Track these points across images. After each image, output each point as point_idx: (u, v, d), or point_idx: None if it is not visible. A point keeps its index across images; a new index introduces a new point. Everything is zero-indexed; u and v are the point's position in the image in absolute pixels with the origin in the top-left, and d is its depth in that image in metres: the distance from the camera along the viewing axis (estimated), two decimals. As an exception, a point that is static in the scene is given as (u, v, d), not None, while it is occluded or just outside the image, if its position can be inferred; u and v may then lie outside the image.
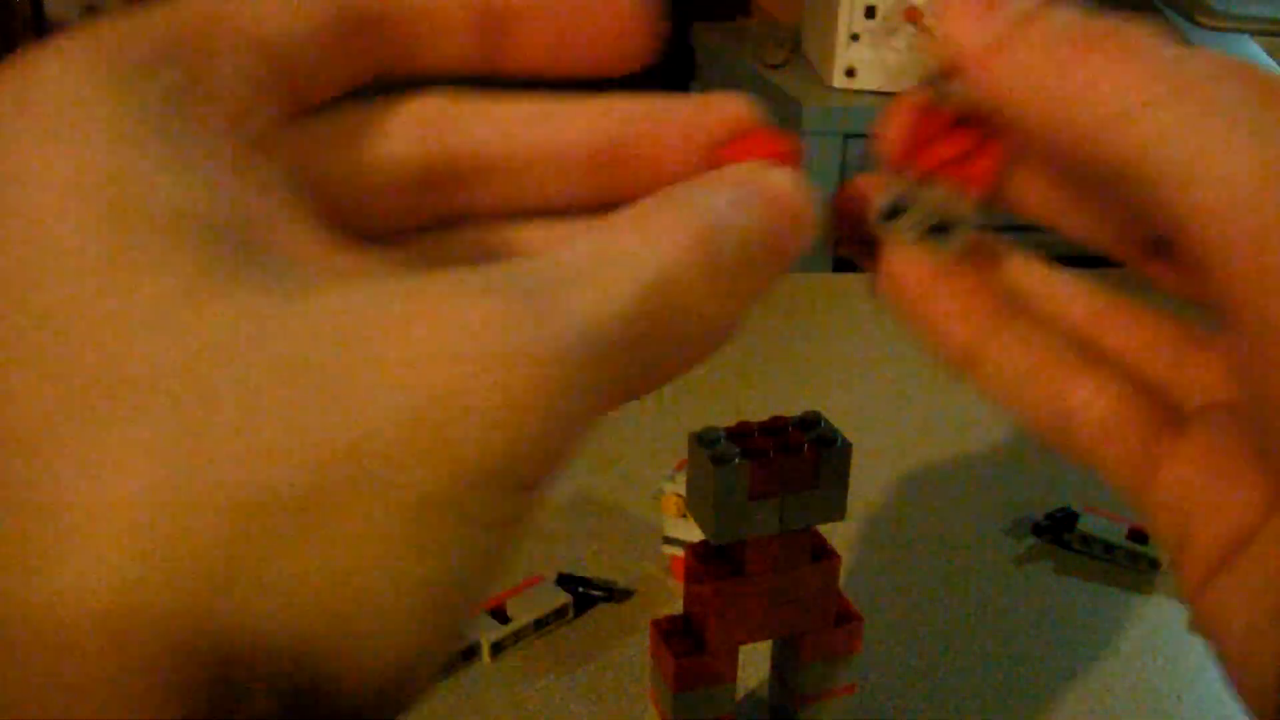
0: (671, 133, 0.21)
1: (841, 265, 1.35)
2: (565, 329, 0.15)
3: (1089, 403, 0.21)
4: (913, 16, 1.25)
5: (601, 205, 0.21)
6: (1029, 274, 0.23)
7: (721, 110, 0.21)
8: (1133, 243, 0.22)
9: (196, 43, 0.16)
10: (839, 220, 0.23)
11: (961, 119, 0.22)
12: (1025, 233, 0.23)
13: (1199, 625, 0.19)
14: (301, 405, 0.13)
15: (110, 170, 0.14)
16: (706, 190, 0.19)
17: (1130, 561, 0.51)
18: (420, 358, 0.14)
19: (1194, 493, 0.20)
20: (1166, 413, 0.21)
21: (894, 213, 0.23)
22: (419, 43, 0.21)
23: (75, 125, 0.14)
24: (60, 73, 0.15)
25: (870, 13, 1.27)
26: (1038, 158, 0.22)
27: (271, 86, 0.18)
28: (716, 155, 0.22)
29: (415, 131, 0.21)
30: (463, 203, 0.21)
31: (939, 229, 0.22)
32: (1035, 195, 0.23)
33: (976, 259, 0.22)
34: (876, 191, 0.22)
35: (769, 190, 0.20)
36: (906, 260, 0.22)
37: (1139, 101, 0.17)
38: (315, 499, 0.13)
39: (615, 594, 0.48)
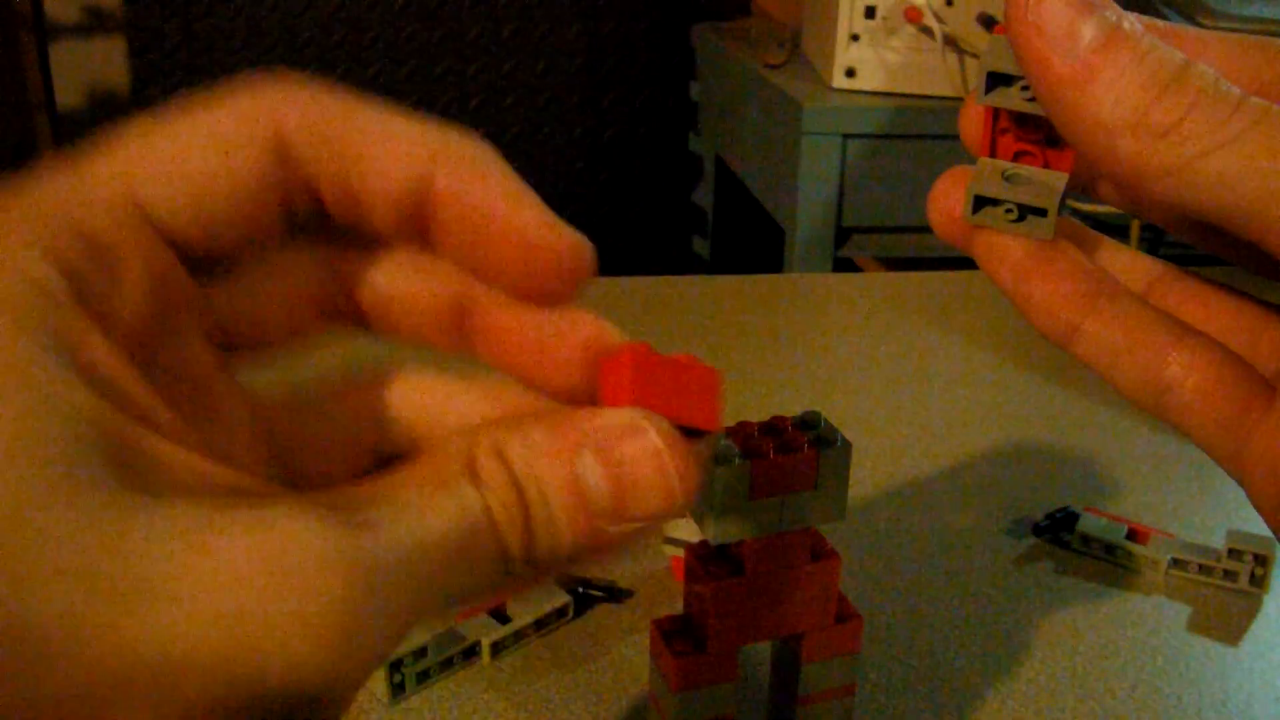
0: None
1: (841, 265, 1.35)
2: (376, 544, 0.17)
3: (1184, 374, 0.22)
4: (913, 16, 1.25)
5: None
6: (1113, 256, 0.25)
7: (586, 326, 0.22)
8: (1199, 227, 0.24)
9: (107, 238, 0.18)
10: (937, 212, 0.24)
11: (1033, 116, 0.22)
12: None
13: None
14: (100, 613, 0.15)
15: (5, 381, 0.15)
16: (551, 445, 0.20)
17: (1130, 561, 0.51)
18: (230, 573, 0.16)
19: None
20: (1257, 383, 0.22)
21: (985, 201, 0.23)
22: (345, 216, 0.21)
23: None
24: None
25: (870, 13, 1.27)
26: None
27: (178, 264, 0.19)
28: (598, 362, 0.22)
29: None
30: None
31: (1030, 213, 0.23)
32: (1105, 187, 0.25)
33: (1068, 241, 0.24)
34: (967, 182, 0.23)
35: (626, 457, 0.20)
36: (1006, 243, 0.23)
37: (1219, 141, 0.19)
38: (86, 705, 0.15)
39: (615, 594, 0.48)
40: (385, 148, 0.20)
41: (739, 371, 0.70)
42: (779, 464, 0.32)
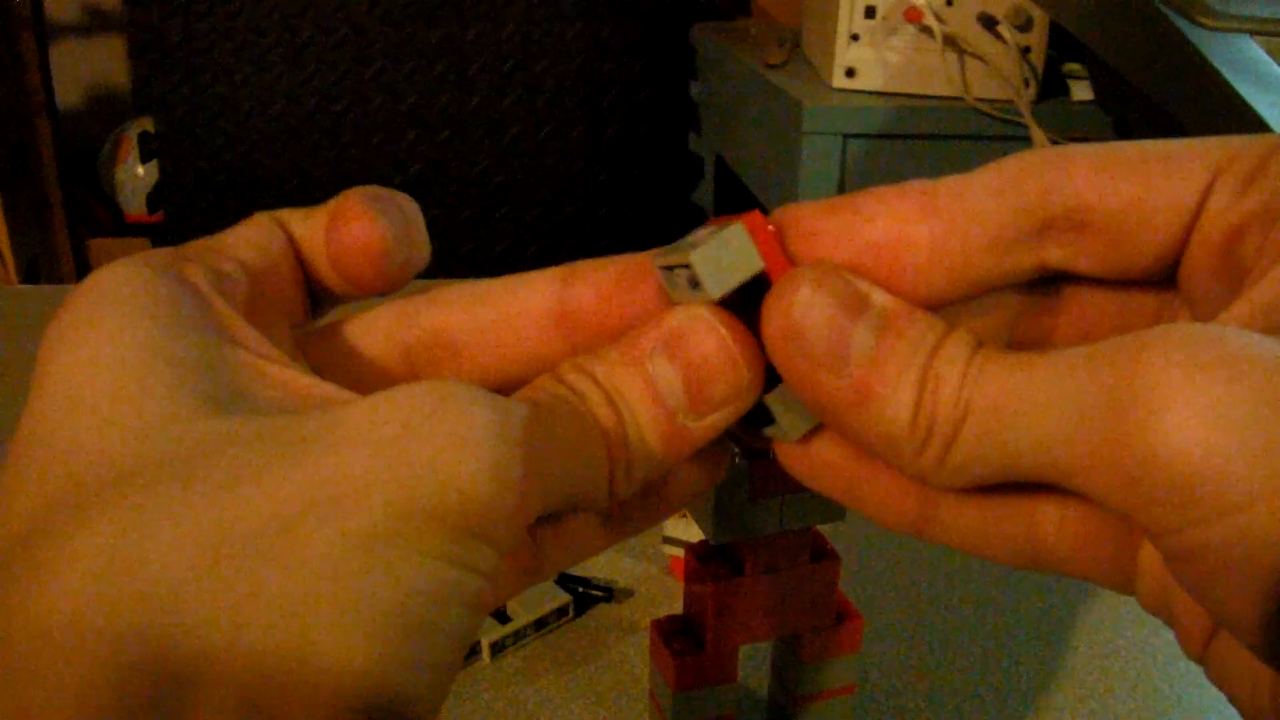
0: (627, 294, 0.23)
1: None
2: (510, 404, 0.18)
3: (1056, 531, 0.21)
4: (913, 16, 1.25)
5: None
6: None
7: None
8: None
9: (205, 260, 0.21)
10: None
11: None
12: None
13: (1210, 680, 0.19)
14: (268, 462, 0.16)
15: (141, 340, 0.18)
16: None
17: (1130, 561, 0.51)
18: (379, 414, 0.17)
19: (1169, 581, 0.19)
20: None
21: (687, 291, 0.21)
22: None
23: (119, 309, 0.18)
24: (112, 275, 0.19)
25: (870, 13, 1.27)
26: None
27: (254, 295, 0.21)
28: None
29: (391, 321, 0.23)
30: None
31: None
32: None
33: None
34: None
35: (691, 347, 0.21)
36: (823, 451, 0.22)
37: (956, 426, 0.19)
38: (271, 531, 0.16)
39: (615, 594, 0.48)
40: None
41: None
42: (779, 464, 0.32)
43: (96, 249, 2.05)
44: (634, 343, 0.21)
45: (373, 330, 0.23)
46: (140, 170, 2.07)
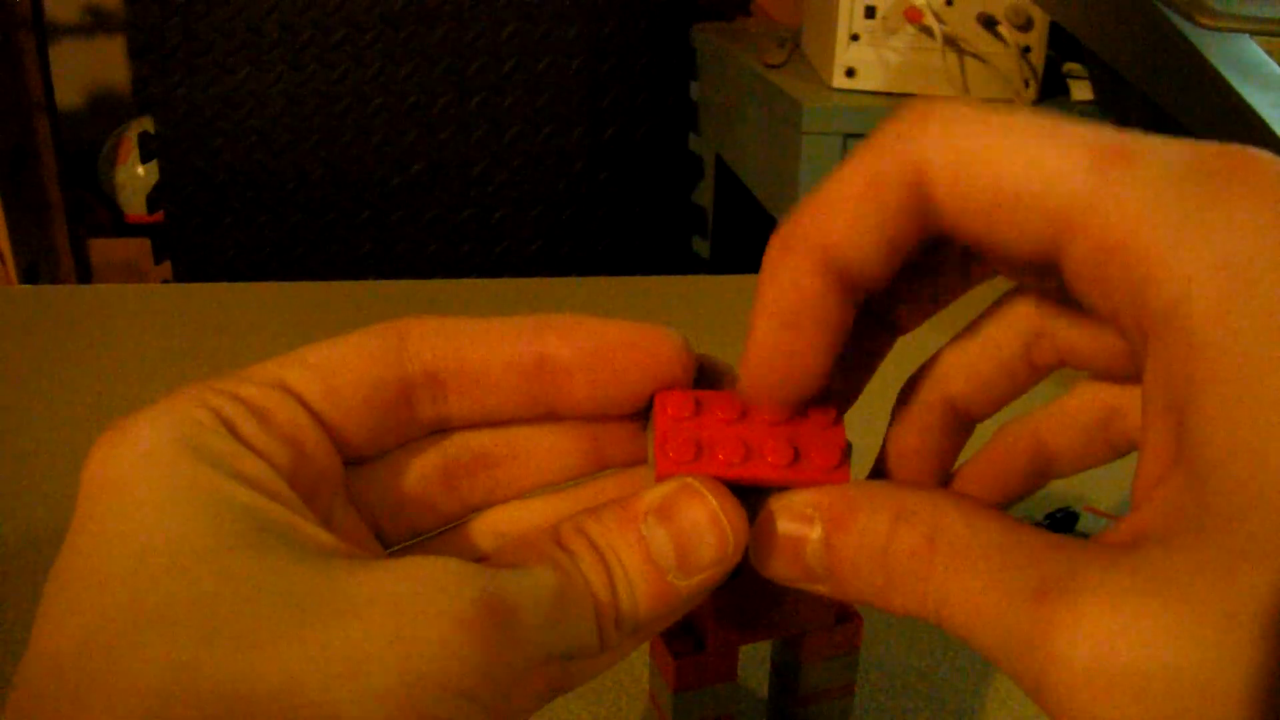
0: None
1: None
2: (496, 577, 0.20)
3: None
4: (913, 16, 1.25)
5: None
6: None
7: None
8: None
9: (256, 401, 0.22)
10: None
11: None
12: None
13: None
14: (284, 626, 0.18)
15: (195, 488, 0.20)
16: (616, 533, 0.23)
17: (1130, 561, 0.51)
18: (383, 588, 0.19)
19: None
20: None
21: None
22: (467, 400, 0.25)
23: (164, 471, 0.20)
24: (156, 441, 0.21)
25: (870, 13, 1.27)
26: None
27: (319, 438, 0.23)
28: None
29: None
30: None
31: None
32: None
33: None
34: None
35: (683, 514, 0.23)
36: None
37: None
38: (284, 694, 0.18)
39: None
40: (489, 337, 0.24)
41: (739, 371, 0.69)
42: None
43: (96, 249, 2.06)
44: (631, 505, 0.23)
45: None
46: (140, 170, 2.07)
